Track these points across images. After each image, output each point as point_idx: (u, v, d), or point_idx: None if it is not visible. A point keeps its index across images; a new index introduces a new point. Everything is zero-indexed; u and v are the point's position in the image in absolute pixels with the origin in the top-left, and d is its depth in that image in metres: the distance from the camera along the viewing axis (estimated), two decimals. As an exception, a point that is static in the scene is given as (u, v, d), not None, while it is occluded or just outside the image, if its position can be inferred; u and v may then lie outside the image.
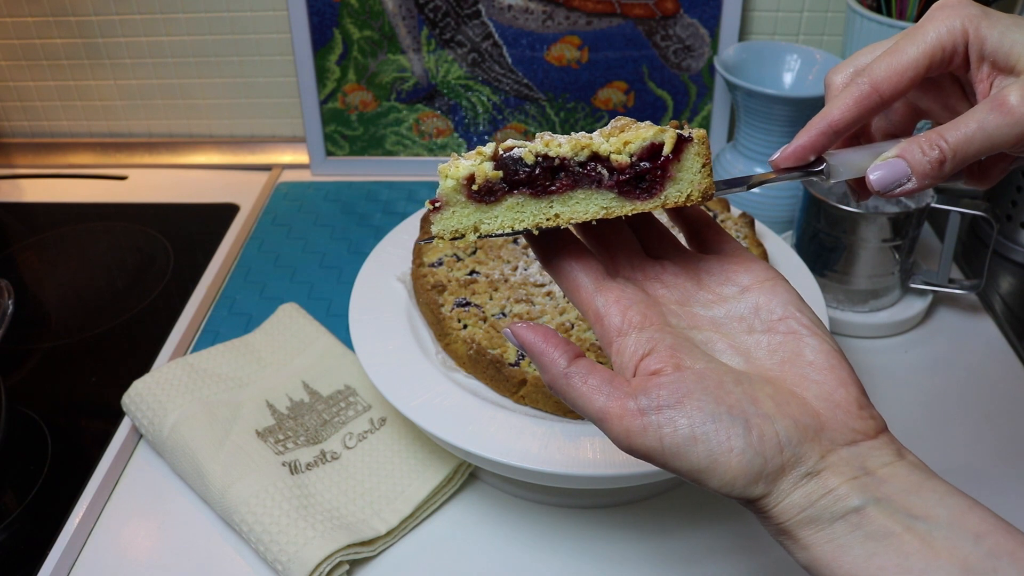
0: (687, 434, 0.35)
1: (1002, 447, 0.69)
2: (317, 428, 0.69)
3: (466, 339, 0.63)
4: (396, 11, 1.01)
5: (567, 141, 0.41)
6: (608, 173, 0.41)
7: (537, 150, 0.40)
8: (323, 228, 0.99)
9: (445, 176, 0.41)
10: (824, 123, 0.42)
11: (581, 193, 0.41)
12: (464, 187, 0.41)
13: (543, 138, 0.41)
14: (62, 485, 0.67)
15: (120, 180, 1.10)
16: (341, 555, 0.58)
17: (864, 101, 0.42)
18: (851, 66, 0.44)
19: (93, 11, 1.06)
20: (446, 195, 0.41)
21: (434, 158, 1.10)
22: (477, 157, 0.41)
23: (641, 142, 0.40)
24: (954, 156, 0.40)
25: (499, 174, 0.41)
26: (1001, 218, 0.93)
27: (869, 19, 0.87)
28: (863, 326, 0.81)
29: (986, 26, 0.40)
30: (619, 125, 0.42)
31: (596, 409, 0.38)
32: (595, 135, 0.42)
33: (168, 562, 0.61)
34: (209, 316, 0.85)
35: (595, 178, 0.41)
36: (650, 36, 1.01)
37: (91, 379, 0.78)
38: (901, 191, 0.41)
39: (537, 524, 0.64)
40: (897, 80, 0.41)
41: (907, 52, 0.41)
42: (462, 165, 0.41)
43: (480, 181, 0.41)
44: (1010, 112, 0.38)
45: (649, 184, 0.41)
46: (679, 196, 0.41)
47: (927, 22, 0.41)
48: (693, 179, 0.41)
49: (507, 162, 0.41)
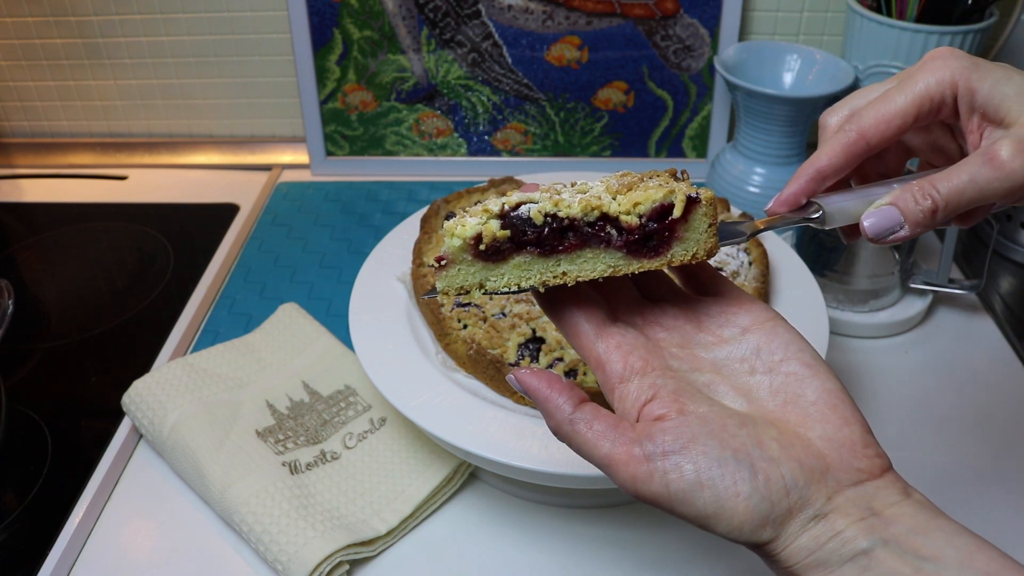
0: (693, 480, 0.35)
1: (1002, 447, 0.69)
2: (317, 428, 0.69)
3: (466, 339, 0.63)
4: (396, 11, 1.01)
5: (577, 201, 0.40)
6: (617, 233, 0.40)
7: (546, 210, 0.40)
8: (323, 228, 0.99)
9: (452, 235, 0.40)
10: (813, 169, 0.44)
11: (589, 252, 0.41)
12: (471, 247, 0.40)
13: (551, 195, 0.40)
14: (62, 485, 0.67)
15: (120, 180, 1.10)
16: (341, 555, 0.58)
17: (852, 148, 0.43)
18: (846, 108, 0.45)
19: (93, 11, 1.06)
20: (452, 254, 0.40)
21: (434, 158, 1.10)
22: (484, 215, 0.40)
23: (651, 204, 0.40)
24: (946, 206, 0.41)
25: (507, 233, 0.40)
26: (1001, 218, 0.93)
27: (869, 19, 0.87)
28: (863, 326, 0.81)
29: (976, 78, 0.41)
30: (626, 182, 0.41)
31: (602, 455, 0.38)
32: (601, 189, 0.41)
33: (168, 562, 0.61)
34: (209, 316, 0.85)
35: (604, 239, 0.41)
36: (650, 36, 1.01)
37: (91, 379, 0.78)
38: (894, 238, 0.42)
39: (537, 524, 0.64)
40: (884, 128, 0.42)
41: (896, 101, 0.42)
42: (469, 224, 0.40)
43: (487, 241, 0.40)
44: (1001, 167, 0.39)
45: (656, 244, 0.41)
46: (685, 255, 0.41)
47: (918, 72, 0.42)
48: (699, 239, 0.41)
49: (515, 222, 0.40)
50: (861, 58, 0.90)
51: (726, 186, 0.93)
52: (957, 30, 0.83)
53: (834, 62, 0.92)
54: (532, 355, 0.61)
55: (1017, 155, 0.39)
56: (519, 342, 0.62)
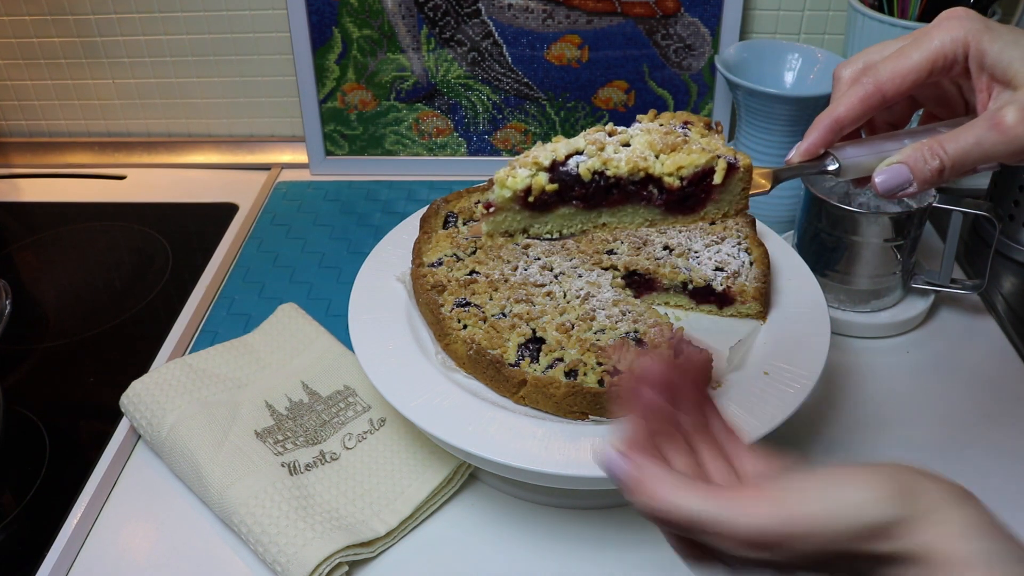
0: None
1: (1004, 447, 0.69)
2: (316, 429, 0.69)
3: (466, 339, 0.63)
4: (395, 10, 1.01)
5: (623, 159, 0.42)
6: (658, 192, 0.43)
7: (595, 168, 0.41)
8: (322, 228, 0.98)
9: (503, 185, 0.42)
10: (831, 119, 0.46)
11: (630, 207, 0.43)
12: (520, 197, 0.42)
13: (596, 148, 0.42)
14: (60, 486, 0.66)
15: (118, 180, 1.10)
16: (340, 556, 0.58)
17: (868, 100, 0.45)
18: (861, 61, 0.47)
19: (91, 10, 1.06)
20: (501, 203, 0.42)
21: (434, 158, 1.10)
22: (534, 167, 0.41)
23: (693, 168, 0.42)
24: (952, 166, 0.43)
25: (555, 187, 0.42)
26: (1003, 218, 0.93)
27: (871, 18, 0.87)
28: (865, 326, 0.81)
29: (987, 40, 0.43)
30: (669, 142, 0.43)
31: None
32: (643, 145, 0.42)
33: (166, 563, 0.61)
34: (208, 316, 0.85)
35: (646, 196, 0.43)
36: (651, 35, 1.01)
37: (89, 379, 0.78)
38: (903, 194, 0.45)
39: (537, 524, 0.64)
40: (900, 82, 0.45)
41: (911, 57, 0.44)
42: (520, 176, 0.42)
43: (536, 193, 0.42)
44: (1005, 132, 0.42)
45: (693, 203, 0.43)
46: (717, 213, 0.44)
47: (933, 29, 0.44)
48: (733, 199, 0.44)
49: (564, 177, 0.42)
50: (862, 57, 0.90)
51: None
52: (959, 29, 0.83)
53: (835, 61, 0.91)
54: (532, 355, 0.61)
55: (1021, 121, 0.41)
56: (519, 342, 0.62)
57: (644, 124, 0.45)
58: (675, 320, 0.71)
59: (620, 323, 0.64)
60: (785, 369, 0.62)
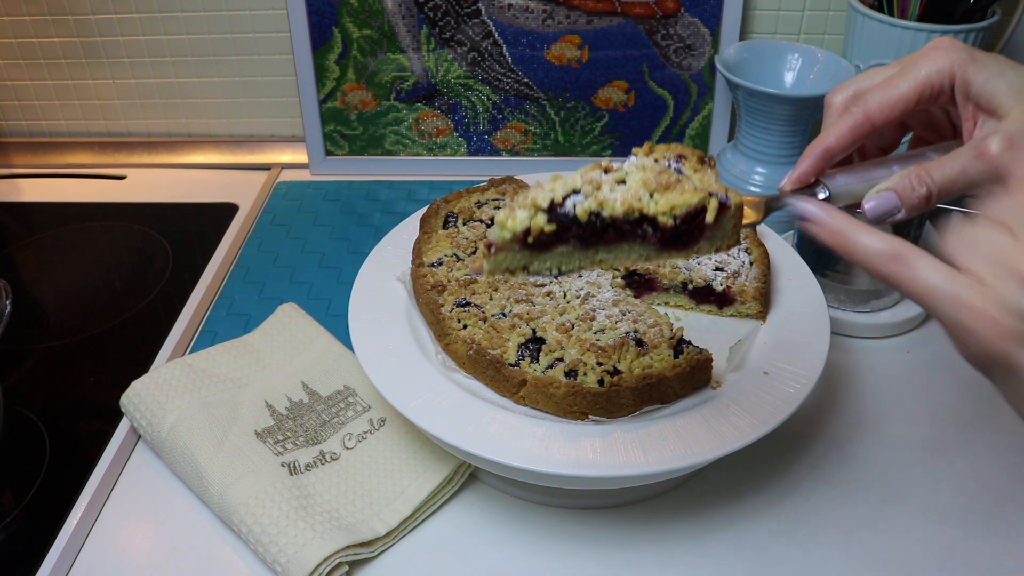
0: None
1: (1004, 448, 0.69)
2: (316, 428, 0.69)
3: (466, 339, 0.63)
4: (395, 10, 1.01)
5: (618, 200, 0.43)
6: (652, 230, 0.44)
7: (592, 209, 0.43)
8: (322, 228, 0.98)
9: (503, 227, 0.43)
10: (821, 148, 0.48)
11: (625, 245, 0.45)
12: (519, 238, 0.44)
13: (592, 188, 0.44)
14: (60, 486, 0.66)
15: (118, 180, 1.10)
16: (340, 556, 0.58)
17: (858, 130, 0.47)
18: (851, 88, 0.49)
19: (91, 10, 1.06)
20: (501, 243, 0.44)
21: (434, 158, 1.10)
22: (532, 209, 0.43)
23: (686, 207, 0.44)
24: (939, 193, 0.45)
25: (553, 227, 0.44)
26: (1002, 218, 0.93)
27: (871, 18, 0.87)
28: (865, 326, 0.81)
29: (972, 71, 0.44)
30: (663, 181, 0.45)
31: None
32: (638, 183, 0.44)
33: (166, 563, 0.61)
34: (208, 316, 0.85)
35: (640, 235, 0.45)
36: (651, 35, 1.01)
37: (89, 379, 0.78)
38: (892, 220, 0.46)
39: (537, 524, 0.64)
40: (889, 112, 0.46)
41: (900, 87, 0.46)
42: (519, 217, 0.43)
43: (535, 234, 0.43)
44: (990, 161, 0.43)
45: (686, 240, 0.45)
46: (710, 248, 0.46)
47: (920, 59, 0.46)
48: (725, 235, 0.46)
49: (561, 218, 0.44)
50: (863, 57, 0.90)
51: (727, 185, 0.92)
52: (959, 29, 0.83)
53: (835, 61, 0.92)
54: (532, 355, 0.61)
55: (1005, 151, 0.43)
56: (519, 342, 0.62)
57: (639, 160, 0.47)
58: (675, 320, 0.71)
59: (620, 323, 0.64)
60: (785, 369, 0.62)
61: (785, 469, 0.67)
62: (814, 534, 0.62)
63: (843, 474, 0.67)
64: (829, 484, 0.66)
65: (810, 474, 0.67)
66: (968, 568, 0.60)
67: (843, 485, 0.66)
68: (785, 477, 0.67)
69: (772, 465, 0.67)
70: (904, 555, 0.61)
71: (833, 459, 0.68)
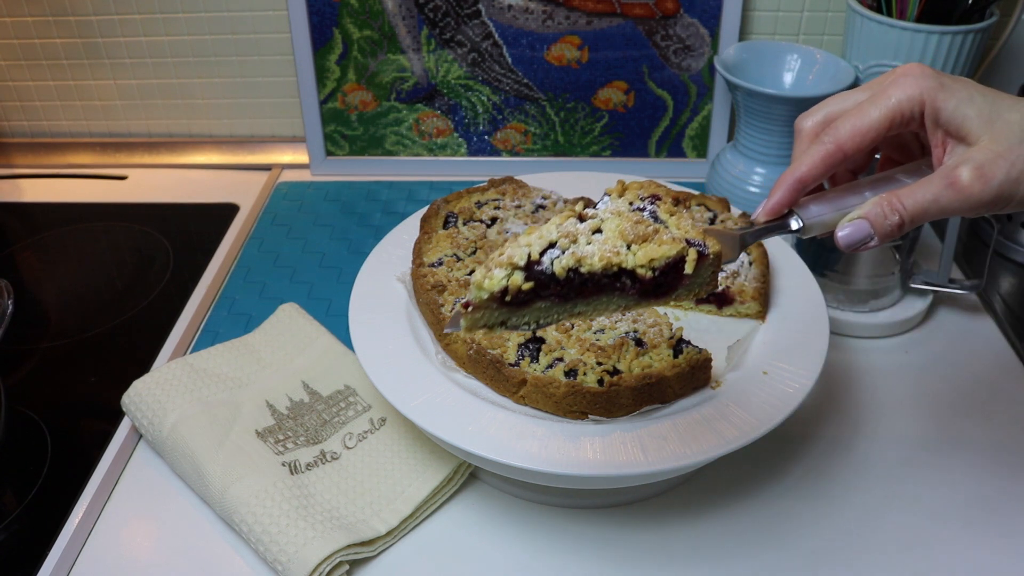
0: None
1: (1003, 448, 0.69)
2: (317, 428, 0.69)
3: (466, 339, 0.63)
4: (396, 11, 1.01)
5: (596, 255, 0.43)
6: (631, 282, 0.44)
7: (569, 265, 0.43)
8: (323, 228, 0.98)
9: (480, 288, 0.43)
10: (793, 179, 0.48)
11: (604, 297, 0.45)
12: (496, 297, 0.43)
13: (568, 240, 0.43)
14: (61, 485, 0.67)
15: (120, 180, 1.10)
16: (341, 555, 0.58)
17: (830, 159, 0.47)
18: (821, 113, 0.49)
19: (92, 11, 1.06)
20: (479, 303, 0.43)
21: (434, 158, 1.10)
22: (509, 267, 0.43)
23: (665, 260, 0.44)
24: (911, 220, 0.46)
25: (531, 285, 0.43)
26: (1002, 218, 0.93)
27: (869, 19, 0.87)
28: (863, 326, 0.81)
29: (942, 98, 0.45)
30: (640, 232, 0.45)
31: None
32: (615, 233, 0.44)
33: (167, 562, 0.61)
34: (209, 316, 0.85)
35: (619, 287, 0.45)
36: (650, 36, 1.01)
37: (90, 379, 0.78)
38: (864, 248, 0.47)
39: (537, 524, 0.64)
40: (860, 140, 0.47)
41: (870, 115, 0.46)
42: (495, 277, 0.43)
43: (513, 293, 0.43)
44: (961, 191, 0.44)
45: (665, 289, 0.45)
46: (688, 295, 0.46)
47: (890, 87, 0.47)
48: (703, 282, 0.46)
49: (539, 276, 0.43)
50: (861, 58, 0.90)
51: (726, 186, 0.93)
52: (957, 30, 0.83)
53: (834, 62, 0.92)
54: (532, 355, 0.61)
55: (976, 180, 0.44)
56: (519, 342, 0.62)
57: (613, 204, 0.47)
58: (674, 320, 0.71)
59: (620, 323, 0.64)
60: (784, 369, 0.62)
61: (784, 468, 0.67)
62: (814, 534, 0.62)
63: (842, 473, 0.67)
64: (828, 483, 0.66)
65: (809, 473, 0.67)
66: (968, 567, 0.60)
67: (842, 484, 0.66)
68: (784, 476, 0.67)
69: (771, 464, 0.68)
70: (904, 554, 0.61)
71: (832, 458, 0.68)
